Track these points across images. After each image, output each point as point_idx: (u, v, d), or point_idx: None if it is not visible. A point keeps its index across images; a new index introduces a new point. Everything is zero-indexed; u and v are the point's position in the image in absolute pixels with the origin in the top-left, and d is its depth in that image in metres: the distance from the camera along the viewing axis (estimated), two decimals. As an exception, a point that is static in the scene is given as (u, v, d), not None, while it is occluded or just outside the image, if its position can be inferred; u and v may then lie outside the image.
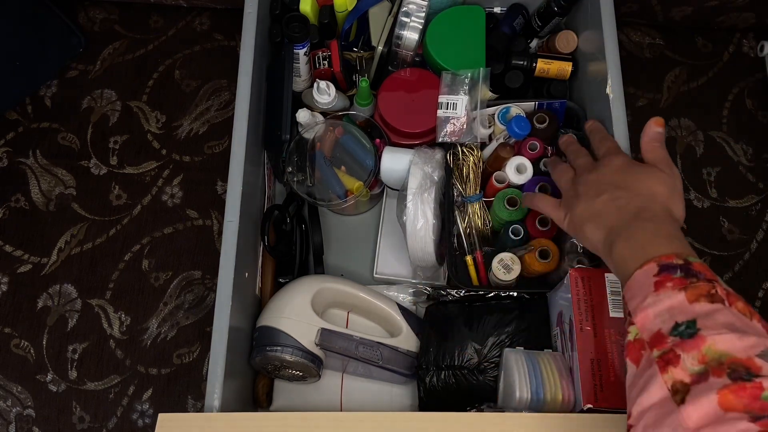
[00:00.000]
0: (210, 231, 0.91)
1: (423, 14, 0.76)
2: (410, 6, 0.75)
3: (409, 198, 0.70)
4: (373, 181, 0.76)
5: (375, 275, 0.81)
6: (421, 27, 0.76)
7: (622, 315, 0.59)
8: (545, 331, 0.69)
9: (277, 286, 0.78)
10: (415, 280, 0.79)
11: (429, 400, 0.69)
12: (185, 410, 0.83)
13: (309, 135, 0.78)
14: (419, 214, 0.69)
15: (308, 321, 0.70)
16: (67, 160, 0.94)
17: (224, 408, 0.60)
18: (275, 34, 0.78)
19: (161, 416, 0.56)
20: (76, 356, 0.85)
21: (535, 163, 0.74)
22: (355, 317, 0.76)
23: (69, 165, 0.94)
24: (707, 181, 0.93)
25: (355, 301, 0.75)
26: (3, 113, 0.96)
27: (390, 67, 0.81)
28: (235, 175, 0.68)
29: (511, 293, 0.71)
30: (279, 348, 0.68)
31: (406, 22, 0.76)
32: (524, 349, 0.66)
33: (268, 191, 0.83)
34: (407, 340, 0.72)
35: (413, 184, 0.70)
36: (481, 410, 0.66)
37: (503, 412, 0.63)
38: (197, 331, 0.86)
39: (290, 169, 0.76)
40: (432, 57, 0.78)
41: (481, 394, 0.67)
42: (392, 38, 0.77)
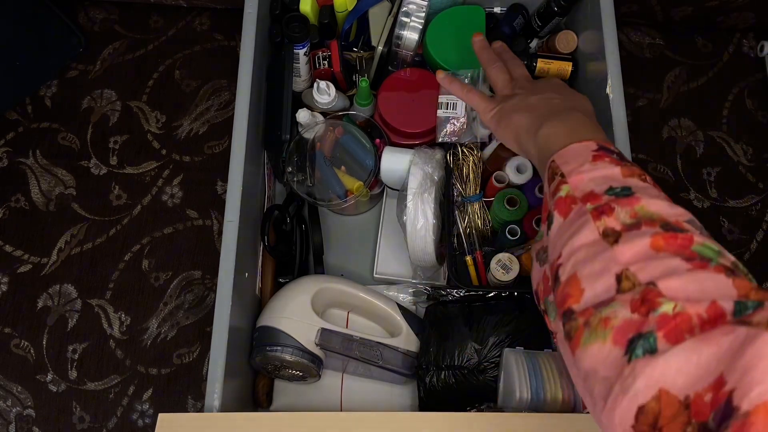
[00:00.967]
0: (210, 231, 0.91)
1: (423, 14, 0.76)
2: (410, 6, 0.75)
3: (409, 198, 0.70)
4: (373, 181, 0.76)
5: (375, 275, 0.81)
6: (421, 27, 0.76)
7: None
8: (545, 331, 0.69)
9: (277, 286, 0.78)
10: (415, 280, 0.79)
11: (429, 400, 0.69)
12: (185, 410, 0.83)
13: (309, 135, 0.78)
14: (419, 214, 0.69)
15: (308, 321, 0.70)
16: (67, 160, 0.94)
17: (224, 408, 0.60)
18: (275, 34, 0.78)
19: (161, 416, 0.56)
20: (76, 356, 0.85)
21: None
22: (355, 317, 0.76)
23: (69, 165, 0.94)
24: (707, 181, 0.93)
25: (355, 301, 0.75)
26: (3, 113, 0.96)
27: (390, 67, 0.81)
28: (235, 175, 0.68)
29: (511, 293, 0.71)
30: (279, 348, 0.68)
31: (406, 22, 0.76)
32: (524, 349, 0.66)
33: (268, 191, 0.83)
34: (407, 340, 0.72)
35: (413, 184, 0.70)
36: (481, 410, 0.66)
37: (503, 412, 0.63)
38: (197, 331, 0.86)
39: (290, 169, 0.76)
40: (432, 57, 0.78)
41: (481, 394, 0.67)
42: (392, 38, 0.77)
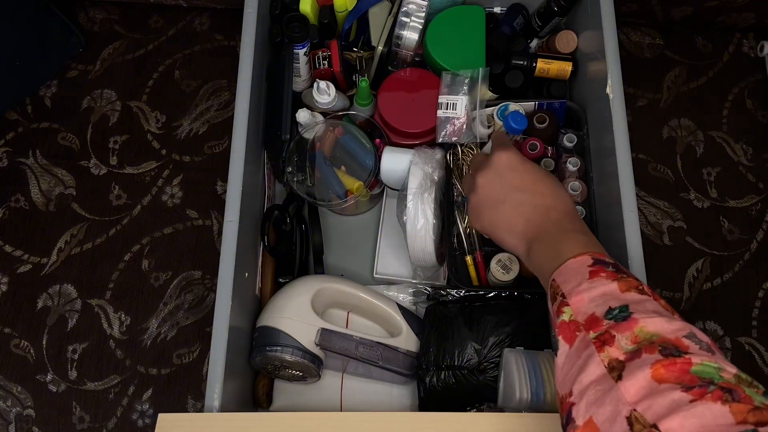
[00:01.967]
0: (210, 231, 0.91)
1: (423, 14, 0.76)
2: (410, 6, 0.75)
3: (409, 198, 0.70)
4: (373, 181, 0.76)
5: (375, 275, 0.81)
6: (421, 27, 0.76)
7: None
8: (545, 331, 0.69)
9: (277, 286, 0.78)
10: (415, 280, 0.79)
11: (429, 400, 0.69)
12: (185, 410, 0.83)
13: (309, 135, 0.78)
14: (419, 214, 0.69)
15: (308, 321, 0.70)
16: (67, 160, 0.94)
17: (224, 408, 0.60)
18: (275, 34, 0.78)
19: (161, 416, 0.56)
20: (76, 356, 0.85)
21: (535, 163, 0.74)
22: (355, 317, 0.76)
23: (69, 165, 0.94)
24: (707, 181, 0.93)
25: (355, 301, 0.75)
26: (3, 113, 0.96)
27: (390, 67, 0.81)
28: (235, 175, 0.68)
29: (512, 293, 0.71)
30: (279, 348, 0.68)
31: (406, 22, 0.76)
32: (524, 349, 0.66)
33: (268, 191, 0.83)
34: (407, 340, 0.72)
35: (413, 184, 0.70)
36: (481, 410, 0.66)
37: (503, 412, 0.63)
38: (197, 331, 0.86)
39: (290, 169, 0.76)
40: (432, 57, 0.78)
41: (481, 394, 0.67)
42: (392, 38, 0.77)
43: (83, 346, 0.85)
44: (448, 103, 0.73)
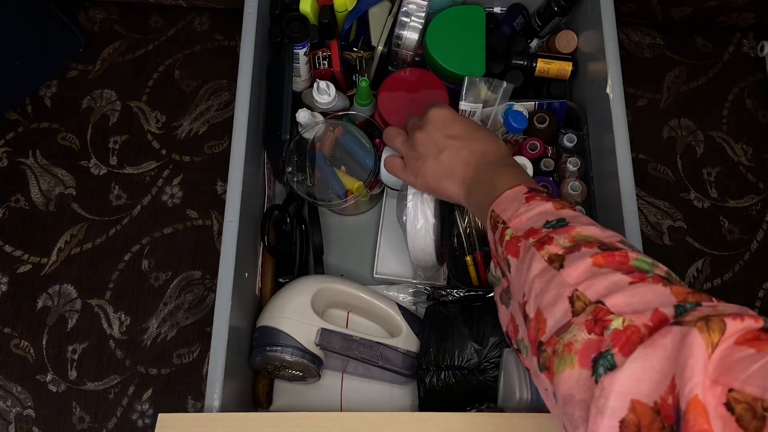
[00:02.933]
0: (210, 231, 0.91)
1: (423, 14, 0.76)
2: (410, 6, 0.75)
3: (409, 198, 0.70)
4: (373, 181, 0.76)
5: (375, 275, 0.81)
6: (421, 27, 0.76)
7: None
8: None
9: (277, 286, 0.78)
10: (415, 280, 0.79)
11: (429, 400, 0.69)
12: (185, 410, 0.83)
13: (309, 135, 0.78)
14: (419, 214, 0.69)
15: (308, 321, 0.70)
16: (67, 160, 0.94)
17: (224, 408, 0.60)
18: (275, 34, 0.78)
19: (161, 416, 0.56)
20: (76, 356, 0.85)
21: (536, 163, 0.74)
22: (355, 317, 0.76)
23: (69, 165, 0.94)
24: (707, 181, 0.93)
25: (355, 301, 0.75)
26: (3, 113, 0.96)
27: (390, 67, 0.81)
28: (235, 175, 0.68)
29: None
30: (279, 348, 0.68)
31: (406, 22, 0.76)
32: (524, 349, 0.66)
33: (268, 191, 0.83)
34: (407, 340, 0.72)
35: (413, 184, 0.70)
36: (481, 410, 0.66)
37: (503, 412, 0.63)
38: (197, 331, 0.86)
39: (290, 169, 0.76)
40: (432, 57, 0.78)
41: (481, 394, 0.67)
42: (392, 38, 0.77)
43: (83, 346, 0.85)
44: (470, 112, 0.73)
